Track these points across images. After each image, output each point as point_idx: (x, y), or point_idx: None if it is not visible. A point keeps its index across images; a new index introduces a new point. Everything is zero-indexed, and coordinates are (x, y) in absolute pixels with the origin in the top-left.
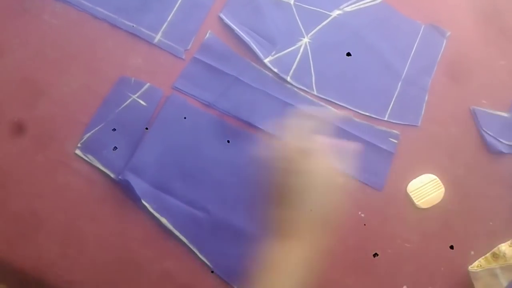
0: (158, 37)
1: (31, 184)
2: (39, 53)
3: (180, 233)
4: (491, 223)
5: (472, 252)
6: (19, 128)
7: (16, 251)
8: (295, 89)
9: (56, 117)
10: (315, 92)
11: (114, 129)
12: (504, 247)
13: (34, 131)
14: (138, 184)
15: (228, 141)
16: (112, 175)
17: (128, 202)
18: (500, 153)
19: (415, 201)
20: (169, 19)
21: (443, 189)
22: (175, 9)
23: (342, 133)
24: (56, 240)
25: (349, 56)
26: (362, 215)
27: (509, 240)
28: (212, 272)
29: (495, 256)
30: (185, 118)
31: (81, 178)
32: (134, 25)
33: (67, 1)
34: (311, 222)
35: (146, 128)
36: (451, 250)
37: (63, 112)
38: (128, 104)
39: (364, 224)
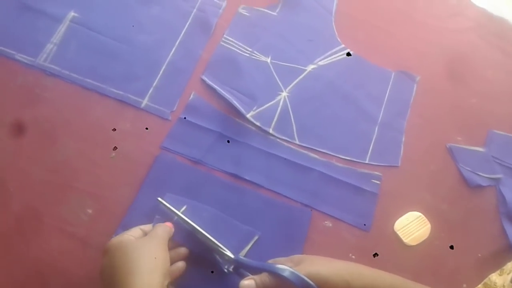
0: (145, 102)
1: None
2: (33, 124)
3: None
4: (479, 254)
5: (465, 285)
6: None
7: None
8: (278, 140)
9: (50, 184)
10: (297, 142)
11: None
12: (494, 276)
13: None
14: None
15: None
16: None
17: None
18: (480, 186)
19: (403, 239)
20: (154, 84)
21: (429, 225)
22: (159, 75)
23: (325, 178)
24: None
25: (349, 56)
26: (353, 257)
27: (498, 270)
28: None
29: (487, 286)
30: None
31: None
32: (122, 92)
33: (57, 75)
34: None
35: None
36: (445, 285)
37: (58, 180)
38: None
39: None
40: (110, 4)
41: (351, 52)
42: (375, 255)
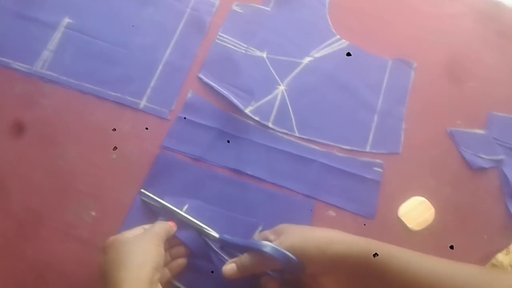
0: (143, 103)
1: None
2: (33, 130)
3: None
4: (485, 236)
5: None
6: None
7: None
8: (278, 133)
9: (52, 188)
10: (296, 134)
11: None
12: (501, 256)
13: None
14: None
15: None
16: None
17: None
18: (482, 168)
19: (407, 224)
20: (151, 85)
21: (433, 210)
22: (156, 75)
23: (326, 168)
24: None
25: (349, 56)
26: None
27: (504, 249)
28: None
29: (494, 266)
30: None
31: None
32: (119, 95)
33: (54, 81)
34: None
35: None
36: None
37: (60, 183)
38: None
39: None
40: (104, 8)
41: (348, 45)
42: (375, 255)
